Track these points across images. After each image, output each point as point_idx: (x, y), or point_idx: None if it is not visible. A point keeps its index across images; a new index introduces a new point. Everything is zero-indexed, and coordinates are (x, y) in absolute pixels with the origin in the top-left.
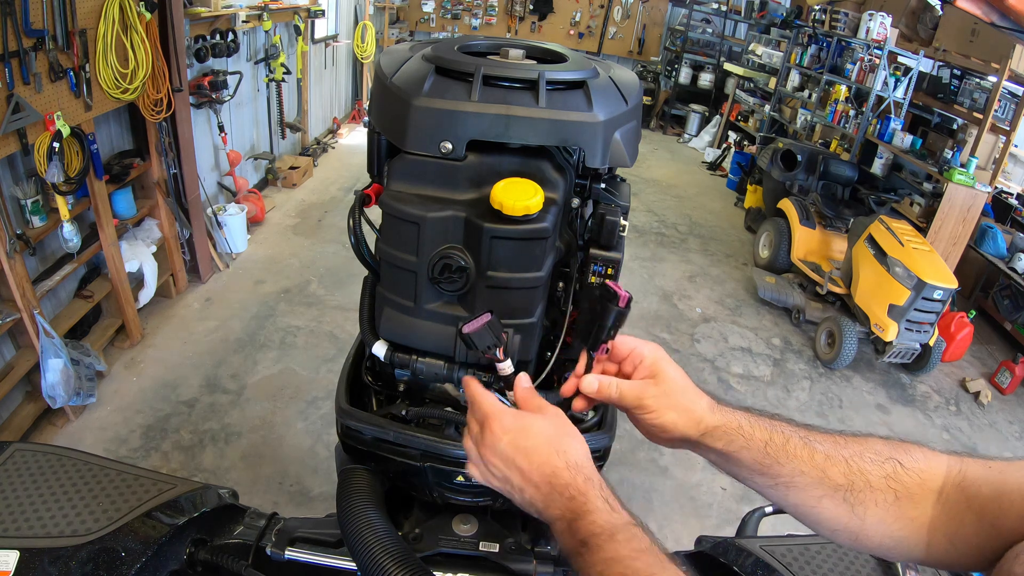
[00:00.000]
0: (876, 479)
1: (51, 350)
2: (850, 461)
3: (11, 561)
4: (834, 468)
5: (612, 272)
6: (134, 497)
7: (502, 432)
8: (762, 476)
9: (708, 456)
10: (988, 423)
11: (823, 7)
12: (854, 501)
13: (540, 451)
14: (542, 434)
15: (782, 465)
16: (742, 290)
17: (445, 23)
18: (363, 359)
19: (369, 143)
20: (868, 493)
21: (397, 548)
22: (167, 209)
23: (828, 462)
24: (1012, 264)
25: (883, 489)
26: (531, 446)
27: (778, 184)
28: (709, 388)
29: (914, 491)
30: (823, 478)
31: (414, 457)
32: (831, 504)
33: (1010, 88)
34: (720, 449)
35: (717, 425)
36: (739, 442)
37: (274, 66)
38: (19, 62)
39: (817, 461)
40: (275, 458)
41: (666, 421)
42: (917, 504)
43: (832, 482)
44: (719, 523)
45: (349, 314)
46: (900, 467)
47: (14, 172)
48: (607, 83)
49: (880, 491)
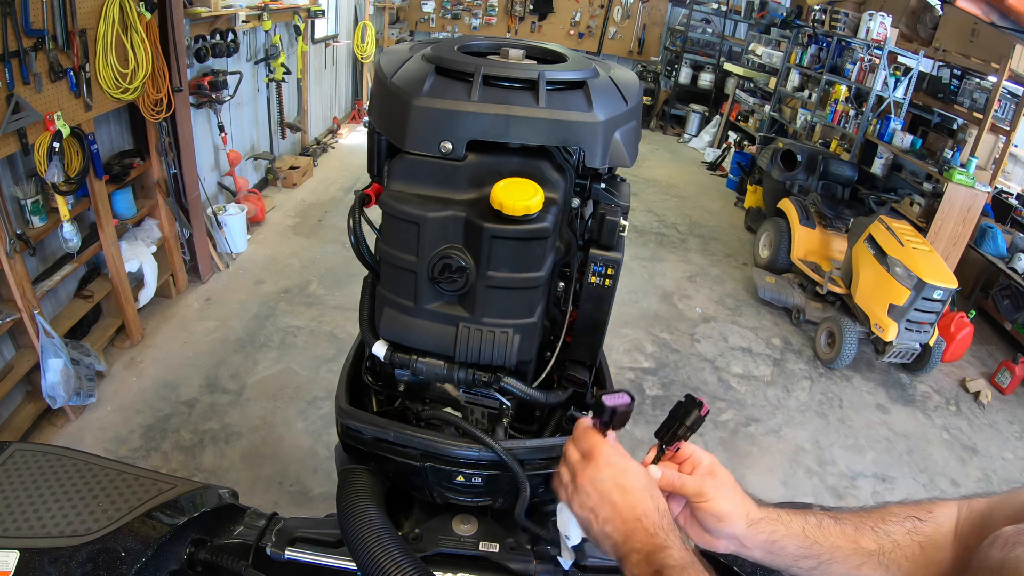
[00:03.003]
0: (901, 536)
1: (51, 350)
2: (876, 528)
3: (11, 561)
4: (864, 538)
5: (612, 272)
6: (134, 497)
7: (606, 466)
8: (806, 559)
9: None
10: (988, 423)
11: (823, 7)
12: (887, 562)
13: (636, 493)
14: (640, 480)
15: (820, 544)
16: (742, 290)
17: (445, 23)
18: (363, 359)
19: (369, 143)
20: (897, 551)
21: (397, 548)
22: (167, 209)
23: (858, 533)
24: (1012, 264)
25: (909, 544)
26: (629, 486)
27: (778, 184)
28: (709, 388)
29: (936, 538)
30: (857, 548)
31: (414, 457)
32: (869, 570)
33: (1010, 88)
34: (765, 539)
35: (762, 517)
36: (781, 530)
37: (274, 66)
38: (19, 62)
39: (848, 533)
40: (275, 458)
41: (723, 509)
42: (940, 549)
43: (865, 550)
44: None
45: (349, 314)
46: (919, 522)
47: (14, 172)
48: (607, 83)
49: (907, 546)
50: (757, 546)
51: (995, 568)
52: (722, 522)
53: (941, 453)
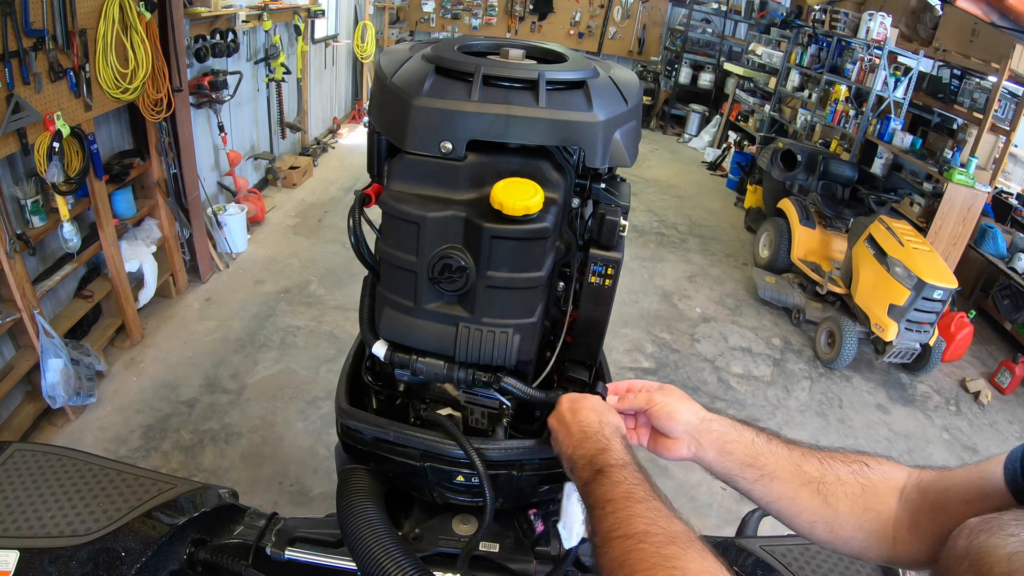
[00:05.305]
0: (845, 474)
1: (51, 350)
2: (823, 460)
3: (11, 561)
4: (808, 463)
5: (612, 272)
6: (134, 497)
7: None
8: (751, 468)
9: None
10: (988, 423)
11: (823, 7)
12: (827, 492)
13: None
14: (591, 402)
15: (765, 458)
16: (742, 290)
17: (445, 23)
18: (363, 359)
19: (369, 143)
20: (839, 485)
21: (397, 548)
22: (167, 209)
23: (803, 458)
24: (1012, 264)
25: (851, 483)
26: (579, 407)
27: (778, 184)
28: (709, 388)
29: (878, 486)
30: (799, 472)
31: (414, 457)
32: (807, 494)
33: (1010, 88)
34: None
35: (715, 418)
36: (732, 434)
37: (274, 66)
38: (19, 62)
39: (794, 458)
40: (275, 458)
41: (672, 406)
42: (882, 499)
43: (807, 475)
44: (719, 523)
45: (349, 314)
46: (865, 467)
47: (14, 172)
48: (607, 83)
49: (849, 484)
50: (710, 444)
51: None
52: (673, 419)
53: (941, 453)
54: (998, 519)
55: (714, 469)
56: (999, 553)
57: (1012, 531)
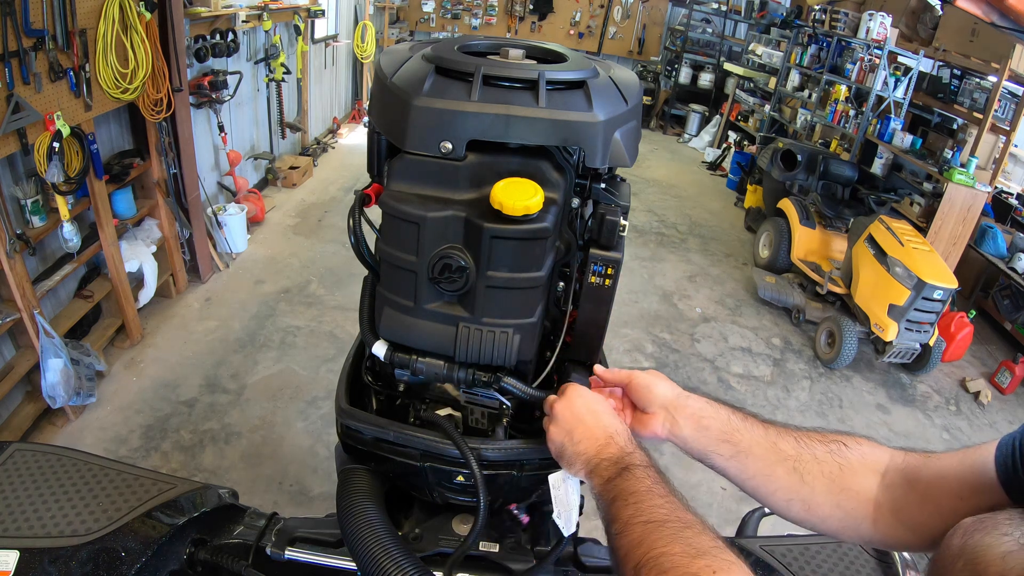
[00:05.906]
0: (822, 453)
1: (51, 350)
2: (799, 440)
3: (11, 561)
4: (784, 442)
5: (612, 272)
6: (134, 497)
7: (577, 397)
8: (727, 444)
9: (685, 430)
10: (988, 423)
11: (823, 7)
12: (803, 470)
13: (605, 416)
14: (605, 405)
15: (741, 434)
16: (742, 290)
17: (445, 23)
18: (363, 359)
19: (369, 143)
20: (815, 464)
21: (397, 548)
22: (167, 209)
23: (779, 437)
24: (1012, 264)
25: (829, 462)
26: (598, 410)
27: (778, 184)
28: (709, 388)
29: (856, 466)
30: (775, 449)
31: (414, 457)
32: (783, 472)
33: (1010, 88)
34: (694, 413)
35: (691, 395)
36: (709, 411)
37: (274, 66)
38: (19, 62)
39: (770, 436)
40: (275, 458)
41: (651, 383)
42: (860, 479)
43: (783, 453)
44: (719, 523)
45: (349, 314)
46: (844, 447)
47: (14, 172)
48: (607, 83)
49: (826, 463)
50: (686, 419)
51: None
52: (652, 391)
53: None
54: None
55: (690, 446)
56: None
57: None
